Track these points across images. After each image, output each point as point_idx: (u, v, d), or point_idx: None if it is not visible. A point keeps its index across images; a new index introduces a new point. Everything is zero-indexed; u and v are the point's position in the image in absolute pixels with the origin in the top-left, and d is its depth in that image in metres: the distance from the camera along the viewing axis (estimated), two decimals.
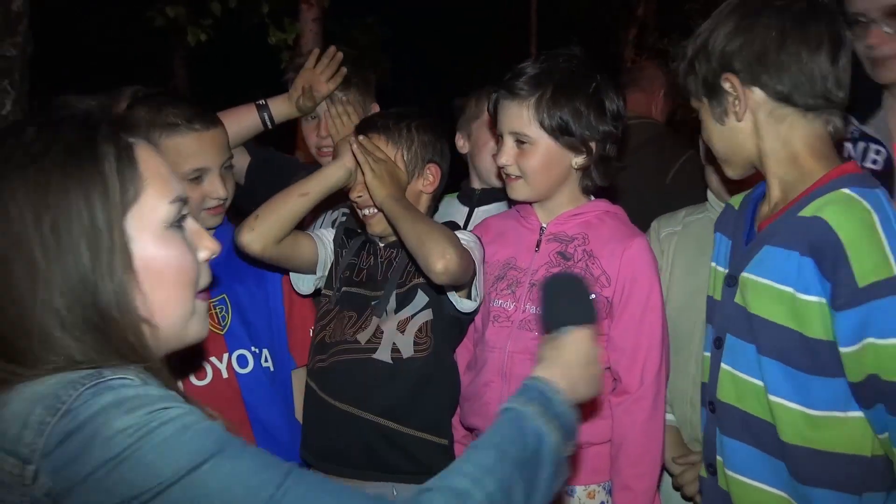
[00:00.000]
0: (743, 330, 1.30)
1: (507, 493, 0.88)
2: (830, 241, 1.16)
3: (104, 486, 0.74)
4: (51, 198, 0.84)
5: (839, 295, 1.16)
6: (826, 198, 1.20)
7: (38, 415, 0.77)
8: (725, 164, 1.37)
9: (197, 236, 0.96)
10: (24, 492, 0.75)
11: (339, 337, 1.67)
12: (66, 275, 0.84)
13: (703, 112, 1.34)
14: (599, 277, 1.60)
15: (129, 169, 0.89)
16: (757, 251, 1.28)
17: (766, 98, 1.25)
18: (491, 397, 1.62)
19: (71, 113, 0.90)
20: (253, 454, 0.80)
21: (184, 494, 0.75)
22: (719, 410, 1.35)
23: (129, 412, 0.77)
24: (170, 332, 0.92)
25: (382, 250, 1.73)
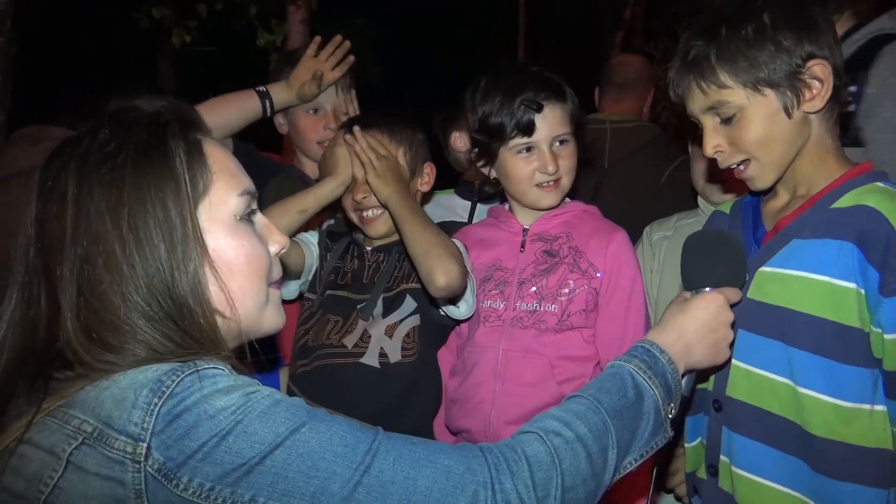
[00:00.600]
0: (761, 324, 1.27)
1: (599, 437, 0.94)
2: (882, 227, 1.14)
3: (213, 458, 0.80)
4: (126, 195, 0.89)
5: (890, 281, 1.14)
6: (863, 189, 1.20)
7: (146, 397, 0.82)
8: (764, 169, 1.26)
9: (267, 230, 1.01)
10: (136, 468, 0.80)
11: (322, 341, 1.66)
12: (145, 268, 0.89)
13: (754, 107, 1.23)
14: (587, 270, 1.64)
15: (199, 163, 0.94)
16: (782, 246, 1.26)
17: (833, 86, 1.21)
18: (485, 397, 1.63)
19: (141, 114, 0.95)
20: (341, 420, 0.87)
21: (288, 455, 0.82)
22: (728, 408, 1.32)
23: (227, 394, 0.83)
24: (245, 322, 0.96)
25: (370, 254, 1.73)
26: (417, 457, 0.86)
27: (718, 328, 1.13)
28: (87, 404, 0.85)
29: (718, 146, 1.27)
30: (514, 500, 0.86)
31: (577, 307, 1.62)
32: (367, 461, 0.84)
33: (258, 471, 0.81)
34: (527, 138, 1.60)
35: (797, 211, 1.26)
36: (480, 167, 1.69)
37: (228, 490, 0.80)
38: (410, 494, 0.84)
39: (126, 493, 0.80)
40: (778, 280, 1.26)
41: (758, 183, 1.28)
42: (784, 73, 1.20)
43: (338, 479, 0.82)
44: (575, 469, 0.91)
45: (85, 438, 0.82)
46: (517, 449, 0.90)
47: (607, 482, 0.96)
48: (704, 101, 1.25)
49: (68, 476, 0.82)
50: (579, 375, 1.62)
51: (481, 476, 0.86)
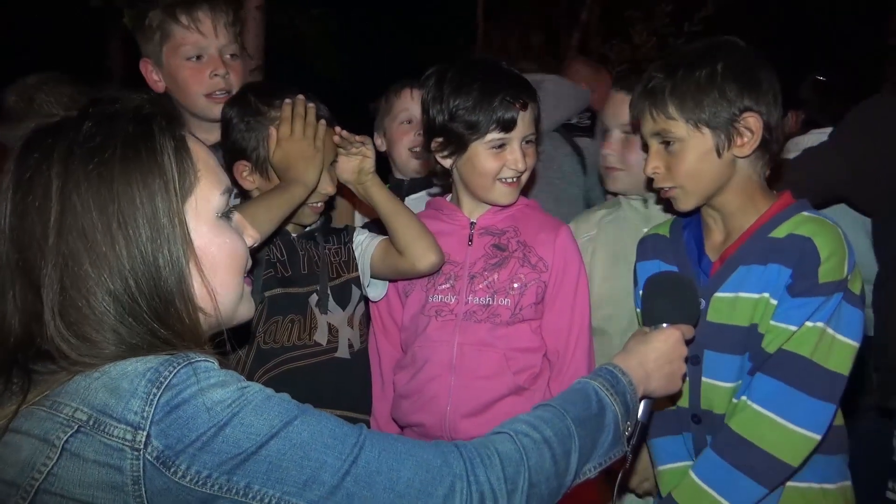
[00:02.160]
0: (722, 343, 1.43)
1: (563, 441, 1.01)
2: (810, 248, 1.35)
3: (211, 447, 0.83)
4: (114, 190, 0.89)
5: (798, 285, 1.35)
6: (795, 219, 1.40)
7: (145, 387, 0.84)
8: (687, 195, 1.43)
9: (241, 224, 1.04)
10: (135, 455, 0.82)
11: (286, 342, 1.62)
12: (132, 264, 0.89)
13: (692, 141, 1.39)
14: (537, 264, 1.68)
15: (186, 160, 0.94)
16: (730, 273, 1.43)
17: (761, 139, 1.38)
18: (439, 391, 1.65)
19: (123, 107, 0.94)
20: (328, 415, 0.91)
21: (283, 445, 0.85)
22: (705, 420, 1.47)
23: (222, 387, 0.86)
24: (225, 316, 0.98)
25: (297, 242, 1.70)
26: (399, 450, 0.91)
27: (674, 360, 1.24)
28: (77, 394, 0.86)
29: (657, 168, 1.43)
30: (487, 490, 0.92)
31: (528, 301, 1.66)
32: (356, 452, 0.88)
33: (254, 460, 0.84)
34: (504, 134, 1.62)
35: (737, 242, 1.44)
36: (442, 157, 1.69)
37: (225, 477, 0.83)
38: (394, 484, 0.88)
39: (123, 480, 0.82)
40: (730, 303, 1.43)
41: (680, 205, 1.46)
42: (722, 119, 1.37)
43: (328, 469, 0.86)
44: (540, 467, 0.97)
45: (80, 426, 0.84)
46: (489, 446, 0.96)
47: (568, 483, 1.03)
48: (653, 126, 1.42)
49: (63, 463, 0.83)
50: (531, 366, 1.67)
51: (457, 468, 0.92)
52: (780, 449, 1.35)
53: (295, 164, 1.59)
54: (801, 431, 1.34)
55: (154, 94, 1.01)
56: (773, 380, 1.36)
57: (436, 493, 0.89)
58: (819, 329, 1.35)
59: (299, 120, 1.61)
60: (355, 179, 1.70)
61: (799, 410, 1.35)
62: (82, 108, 0.94)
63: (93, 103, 0.95)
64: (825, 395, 1.35)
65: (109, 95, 0.96)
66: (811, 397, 1.34)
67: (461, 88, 1.63)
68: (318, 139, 1.62)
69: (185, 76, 1.86)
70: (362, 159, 1.68)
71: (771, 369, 1.37)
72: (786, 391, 1.35)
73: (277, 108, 1.63)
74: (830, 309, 1.35)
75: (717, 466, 1.38)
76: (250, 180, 1.67)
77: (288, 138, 1.60)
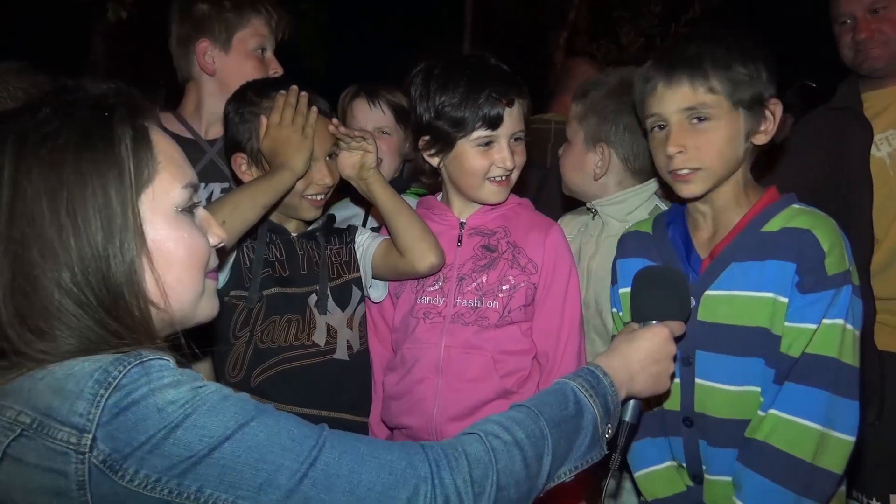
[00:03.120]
0: (716, 343, 1.38)
1: (535, 443, 0.98)
2: (811, 240, 1.30)
3: (161, 450, 0.80)
4: (66, 177, 0.86)
5: (807, 281, 1.30)
6: (787, 212, 1.35)
7: (91, 388, 0.81)
8: (706, 178, 1.36)
9: (206, 223, 1.01)
10: (81, 459, 0.79)
11: (283, 342, 1.60)
12: (81, 254, 0.86)
13: (727, 119, 1.33)
14: (527, 266, 1.66)
15: (145, 152, 0.91)
16: (721, 270, 1.38)
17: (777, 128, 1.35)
18: (426, 393, 1.63)
19: (85, 95, 0.92)
20: (288, 416, 0.89)
21: (237, 448, 0.83)
22: (698, 423, 1.42)
23: (175, 387, 0.83)
24: (180, 313, 0.95)
25: (297, 241, 1.68)
26: (361, 452, 0.88)
27: (661, 360, 1.20)
28: (20, 395, 0.83)
29: (683, 146, 1.34)
30: (453, 493, 0.89)
31: (517, 303, 1.64)
32: (314, 455, 0.85)
33: (206, 463, 0.81)
34: (491, 131, 1.60)
35: (728, 237, 1.39)
36: (429, 156, 1.67)
37: (175, 481, 0.81)
38: (354, 487, 0.86)
39: (68, 485, 0.80)
40: (726, 301, 1.37)
41: (694, 189, 1.37)
42: (756, 99, 1.32)
43: (285, 472, 0.83)
44: (509, 470, 0.95)
45: (23, 430, 0.81)
46: (457, 447, 0.94)
47: (541, 487, 1.00)
48: (690, 98, 1.33)
49: (5, 468, 0.81)
50: (519, 369, 1.65)
51: (423, 471, 0.89)
52: (829, 461, 1.28)
53: (282, 149, 1.58)
54: (843, 437, 1.28)
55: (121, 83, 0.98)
56: (808, 387, 1.29)
57: (398, 497, 0.87)
58: (839, 326, 1.29)
59: (289, 108, 1.61)
60: (356, 175, 1.67)
61: (838, 415, 1.28)
62: (43, 94, 0.92)
63: (55, 91, 0.93)
64: (856, 394, 1.29)
65: (74, 83, 0.94)
66: (846, 399, 1.29)
67: (447, 85, 1.61)
68: (309, 127, 1.60)
69: (250, 66, 1.93)
70: (363, 154, 1.65)
71: (803, 376, 1.29)
72: (824, 399, 1.28)
73: (271, 98, 1.63)
74: (845, 303, 1.29)
75: (772, 492, 1.28)
76: (249, 173, 1.66)
77: (276, 125, 1.59)
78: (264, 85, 1.70)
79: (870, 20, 2.10)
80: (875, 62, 2.12)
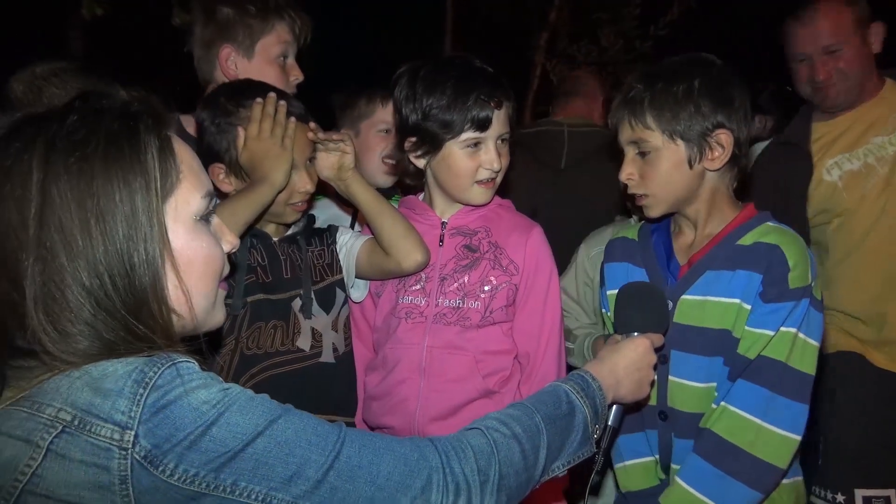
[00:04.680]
0: (688, 343, 1.49)
1: (532, 437, 1.06)
2: (779, 256, 1.42)
3: (198, 446, 0.85)
4: (94, 186, 0.89)
5: (769, 292, 1.41)
6: (760, 229, 1.47)
7: (131, 388, 0.85)
8: (657, 203, 1.50)
9: (220, 230, 1.04)
10: (123, 455, 0.83)
11: (269, 348, 1.58)
12: (108, 261, 0.89)
13: (666, 152, 1.46)
14: (508, 267, 1.67)
15: (169, 161, 0.94)
16: (697, 277, 1.50)
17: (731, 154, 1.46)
18: (408, 394, 1.64)
19: (111, 103, 0.94)
20: (308, 414, 0.94)
21: (268, 443, 0.88)
22: (671, 418, 1.52)
23: (205, 388, 0.88)
24: (196, 320, 0.98)
25: (278, 245, 1.66)
26: (378, 446, 0.95)
27: (643, 368, 1.31)
28: (58, 393, 0.86)
29: (631, 175, 1.50)
30: (462, 481, 0.97)
31: (498, 303, 1.65)
32: (338, 448, 0.92)
33: (240, 458, 0.86)
34: (479, 133, 1.61)
35: (706, 248, 1.51)
36: (416, 157, 1.67)
37: (212, 475, 0.85)
38: (375, 477, 0.92)
39: (111, 479, 0.83)
40: (698, 306, 1.49)
41: (650, 212, 1.53)
42: (696, 132, 1.44)
43: (313, 465, 0.90)
44: (510, 460, 1.03)
45: (65, 427, 0.84)
46: (463, 440, 1.02)
47: (537, 477, 1.08)
48: (630, 134, 1.49)
49: (48, 464, 0.83)
50: (501, 369, 1.66)
51: (434, 462, 0.97)
52: (766, 452, 1.39)
53: (260, 163, 1.56)
54: (783, 433, 1.40)
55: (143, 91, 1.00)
56: (755, 385, 1.41)
57: (414, 485, 0.94)
58: (792, 334, 1.41)
59: (268, 119, 1.58)
60: (335, 176, 1.67)
61: (780, 414, 1.40)
62: (69, 101, 0.93)
63: (81, 97, 0.94)
64: (801, 397, 1.41)
65: (98, 90, 0.95)
66: (790, 400, 1.40)
67: (435, 87, 1.61)
68: (288, 138, 1.58)
69: (272, 73, 1.91)
70: (342, 155, 1.65)
71: (752, 375, 1.42)
72: (766, 396, 1.40)
73: (247, 107, 1.60)
74: (801, 314, 1.41)
75: (707, 473, 1.41)
76: (227, 183, 1.63)
77: (255, 138, 1.57)
78: (238, 91, 1.64)
79: (826, 60, 2.15)
80: (833, 100, 2.19)
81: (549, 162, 2.66)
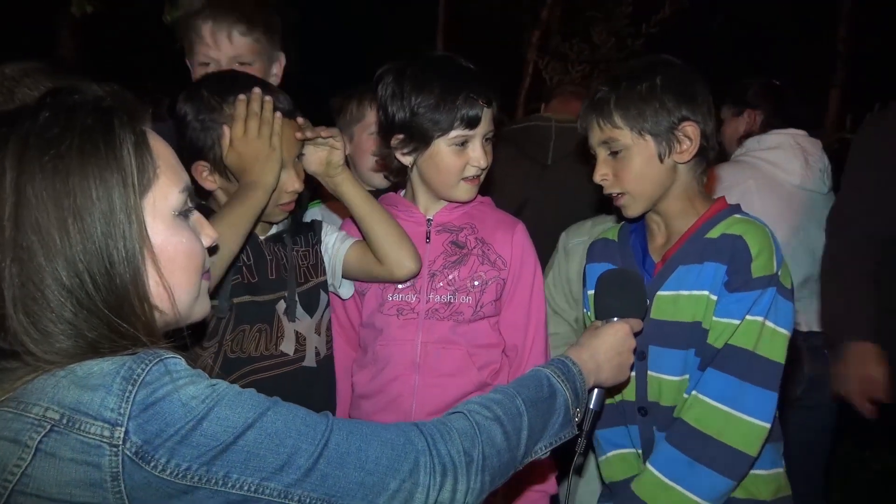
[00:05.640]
0: (664, 338, 1.52)
1: (513, 419, 1.09)
2: (741, 245, 1.44)
3: (189, 441, 0.85)
4: (70, 184, 0.87)
5: (734, 281, 1.44)
6: (728, 221, 1.50)
7: (119, 385, 0.85)
8: (634, 201, 1.52)
9: (199, 224, 1.03)
10: (114, 451, 0.83)
11: (253, 352, 1.53)
12: (87, 260, 0.88)
13: (636, 148, 1.48)
14: (496, 261, 1.69)
15: (145, 156, 0.93)
16: (670, 273, 1.52)
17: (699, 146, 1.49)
18: (403, 390, 1.63)
19: (83, 98, 0.91)
20: (296, 406, 0.96)
21: (258, 435, 0.89)
22: (652, 412, 1.54)
23: (193, 384, 0.88)
24: (179, 314, 0.98)
25: (265, 245, 1.60)
26: (365, 433, 0.97)
27: (623, 352, 1.33)
28: (44, 393, 0.85)
29: (605, 175, 1.53)
30: (448, 462, 0.99)
31: (488, 298, 1.67)
32: (326, 436, 0.93)
33: (231, 450, 0.87)
34: (468, 131, 1.61)
35: (677, 244, 1.54)
36: (402, 154, 1.66)
37: (204, 469, 0.86)
38: (364, 462, 0.94)
39: (102, 476, 0.83)
40: (671, 300, 1.52)
41: (629, 211, 1.54)
42: (663, 127, 1.48)
43: (303, 454, 0.91)
44: (492, 441, 1.05)
45: (53, 426, 0.84)
46: (447, 423, 1.04)
47: (520, 458, 1.11)
48: (600, 135, 1.51)
49: (37, 464, 0.83)
50: (491, 362, 1.68)
51: (420, 445, 0.99)
52: (735, 439, 1.41)
53: (251, 166, 1.48)
54: (752, 421, 1.42)
55: (115, 86, 0.98)
56: (722, 374, 1.44)
57: (402, 469, 0.96)
58: (759, 322, 1.43)
59: (254, 118, 1.49)
60: (323, 171, 1.63)
61: (748, 401, 1.42)
62: (40, 97, 0.92)
63: (51, 93, 0.92)
64: (768, 384, 1.44)
65: (70, 86, 0.93)
66: (757, 387, 1.43)
67: (423, 85, 1.60)
68: (275, 136, 1.50)
69: (196, 78, 1.87)
70: (330, 151, 1.62)
71: (719, 364, 1.45)
72: (734, 384, 1.43)
73: (232, 103, 1.52)
74: (766, 302, 1.43)
75: (676, 461, 1.44)
76: (211, 181, 1.57)
77: (242, 138, 1.48)
78: (222, 85, 1.56)
79: None
80: None
81: (537, 157, 2.66)
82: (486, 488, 1.04)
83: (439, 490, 0.98)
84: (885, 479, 3.91)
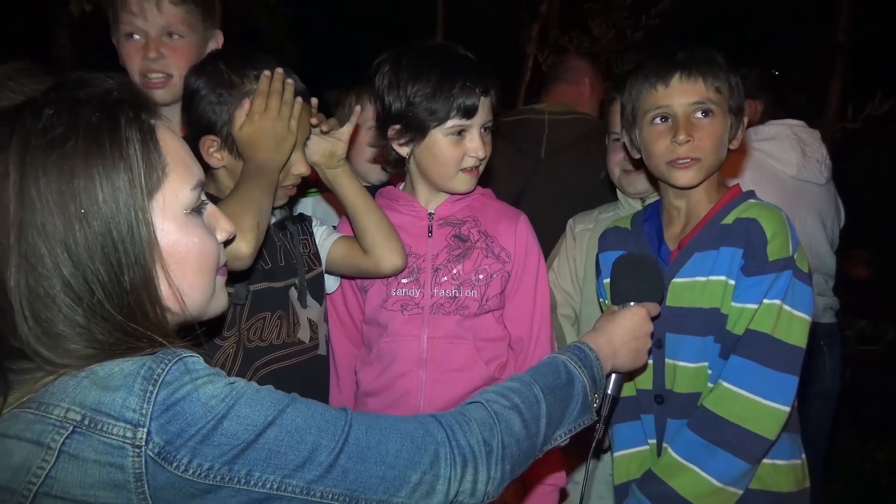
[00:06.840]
0: (681, 325, 1.51)
1: (531, 407, 1.09)
2: (756, 227, 1.44)
3: (210, 440, 0.85)
4: (75, 186, 0.84)
5: (750, 265, 1.44)
6: (743, 206, 1.50)
7: (140, 385, 0.84)
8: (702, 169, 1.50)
9: (214, 218, 1.00)
10: (137, 452, 0.82)
11: (274, 340, 1.53)
12: (94, 265, 0.86)
13: (723, 118, 1.50)
14: (500, 254, 1.67)
15: (154, 154, 0.90)
16: (686, 259, 1.52)
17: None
18: (410, 387, 1.63)
19: (89, 92, 0.88)
20: (315, 401, 0.95)
21: (279, 432, 0.88)
22: (668, 401, 1.54)
23: (212, 383, 0.88)
24: (194, 313, 0.98)
25: (273, 231, 1.60)
26: (383, 426, 0.96)
27: (640, 337, 1.33)
28: (65, 394, 0.84)
29: (690, 136, 1.47)
30: (468, 453, 0.99)
31: (493, 291, 1.66)
32: (346, 431, 0.93)
33: (253, 448, 0.87)
34: (465, 121, 1.59)
35: (694, 230, 1.54)
36: (399, 145, 1.65)
37: (226, 468, 0.86)
38: (384, 456, 0.94)
39: (125, 477, 0.83)
40: (688, 287, 1.51)
41: (691, 177, 1.49)
42: (740, 108, 1.52)
43: (324, 450, 0.91)
44: (511, 430, 1.05)
45: (76, 427, 0.83)
46: (465, 413, 1.04)
47: (540, 445, 1.11)
48: (702, 93, 1.47)
49: (61, 465, 0.82)
50: (498, 355, 1.67)
51: (439, 436, 0.98)
52: (753, 423, 1.41)
53: (265, 142, 1.47)
54: (770, 405, 1.42)
55: (124, 77, 0.95)
56: (742, 359, 1.43)
57: (423, 461, 0.96)
58: (776, 306, 1.42)
59: (276, 96, 1.48)
60: (325, 163, 1.62)
61: (766, 385, 1.42)
62: (46, 90, 0.88)
63: (56, 87, 0.88)
64: (788, 368, 1.43)
65: (76, 78, 0.90)
66: (776, 371, 1.42)
67: (419, 74, 1.58)
68: (294, 118, 1.50)
69: (122, 53, 1.79)
70: (335, 142, 1.61)
71: (741, 350, 1.44)
72: (753, 368, 1.42)
73: (252, 80, 1.50)
74: (783, 286, 1.42)
75: (695, 443, 1.44)
76: (217, 157, 1.53)
77: (262, 114, 1.47)
78: (240, 62, 1.54)
79: None
80: None
81: (530, 151, 2.64)
82: (506, 477, 1.03)
83: (460, 481, 0.97)
84: (887, 470, 3.90)
